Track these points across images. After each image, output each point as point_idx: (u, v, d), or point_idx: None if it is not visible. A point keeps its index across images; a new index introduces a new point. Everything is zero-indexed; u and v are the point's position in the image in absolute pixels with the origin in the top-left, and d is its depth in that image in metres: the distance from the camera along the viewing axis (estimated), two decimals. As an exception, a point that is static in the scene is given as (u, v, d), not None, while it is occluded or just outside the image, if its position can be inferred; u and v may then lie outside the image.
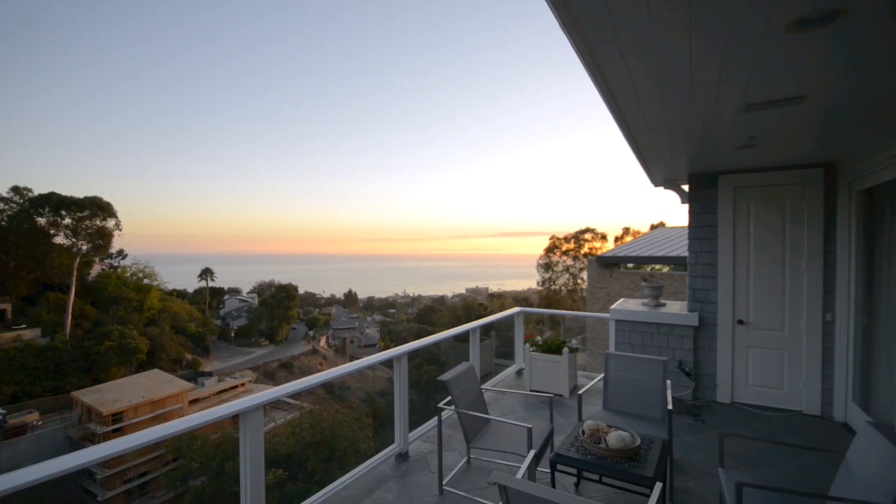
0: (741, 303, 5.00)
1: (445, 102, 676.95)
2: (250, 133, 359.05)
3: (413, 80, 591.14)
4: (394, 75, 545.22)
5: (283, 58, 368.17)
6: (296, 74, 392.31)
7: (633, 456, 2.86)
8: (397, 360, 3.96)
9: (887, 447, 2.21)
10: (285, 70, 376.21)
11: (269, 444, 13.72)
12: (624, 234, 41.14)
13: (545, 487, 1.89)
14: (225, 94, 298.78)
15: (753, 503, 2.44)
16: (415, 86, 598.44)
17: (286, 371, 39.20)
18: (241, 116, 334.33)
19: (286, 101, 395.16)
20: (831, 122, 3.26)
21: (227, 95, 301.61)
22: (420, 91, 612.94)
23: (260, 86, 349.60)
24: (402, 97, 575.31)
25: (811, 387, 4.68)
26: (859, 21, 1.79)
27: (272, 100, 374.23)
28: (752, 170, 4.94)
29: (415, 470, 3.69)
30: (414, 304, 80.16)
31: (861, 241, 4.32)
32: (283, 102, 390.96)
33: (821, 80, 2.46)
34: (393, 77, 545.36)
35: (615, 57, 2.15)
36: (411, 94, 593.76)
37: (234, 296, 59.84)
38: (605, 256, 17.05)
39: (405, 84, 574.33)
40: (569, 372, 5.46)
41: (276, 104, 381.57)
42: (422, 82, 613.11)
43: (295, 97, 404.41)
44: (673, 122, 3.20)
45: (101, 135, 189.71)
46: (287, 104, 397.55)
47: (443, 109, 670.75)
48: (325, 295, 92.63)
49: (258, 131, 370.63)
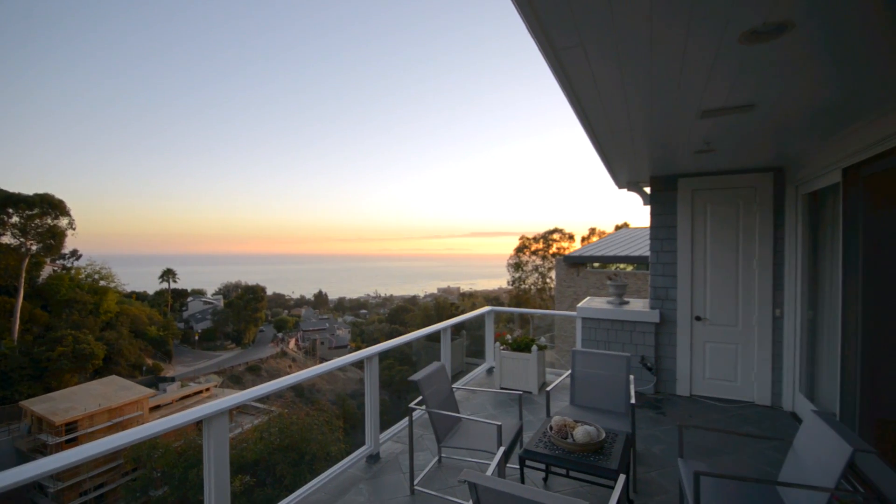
0: (699, 300, 5.24)
1: (416, 104, 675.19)
2: (216, 129, 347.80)
3: (385, 82, 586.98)
4: (365, 76, 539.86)
5: (255, 56, 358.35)
6: (267, 73, 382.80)
7: (598, 449, 2.95)
8: (368, 361, 3.93)
9: (830, 434, 2.35)
10: (255, 68, 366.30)
11: (236, 449, 13.31)
12: (590, 234, 42.18)
13: (514, 483, 1.93)
14: (191, 88, 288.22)
15: (710, 491, 2.56)
16: (386, 87, 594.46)
17: (254, 374, 38.12)
18: (208, 113, 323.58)
19: (256, 99, 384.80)
20: (779, 130, 3.46)
21: (193, 90, 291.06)
22: (391, 92, 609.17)
23: (229, 83, 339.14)
24: (373, 98, 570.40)
25: (762, 379, 4.96)
26: (805, 35, 1.92)
27: (241, 98, 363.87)
28: (708, 173, 5.18)
29: (386, 471, 3.68)
30: (386, 305, 79.52)
31: (806, 241, 4.61)
32: (252, 101, 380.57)
33: (770, 89, 2.60)
34: (364, 78, 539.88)
35: (581, 61, 2.21)
36: (382, 96, 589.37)
37: (197, 298, 57.60)
38: (573, 256, 17.46)
39: (377, 85, 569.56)
40: (538, 369, 5.57)
41: (245, 102, 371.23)
42: (393, 83, 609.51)
43: (265, 96, 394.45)
44: (635, 126, 3.32)
45: (53, 129, 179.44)
46: (257, 103, 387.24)
47: (414, 110, 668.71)
48: (294, 296, 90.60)
49: (225, 128, 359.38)
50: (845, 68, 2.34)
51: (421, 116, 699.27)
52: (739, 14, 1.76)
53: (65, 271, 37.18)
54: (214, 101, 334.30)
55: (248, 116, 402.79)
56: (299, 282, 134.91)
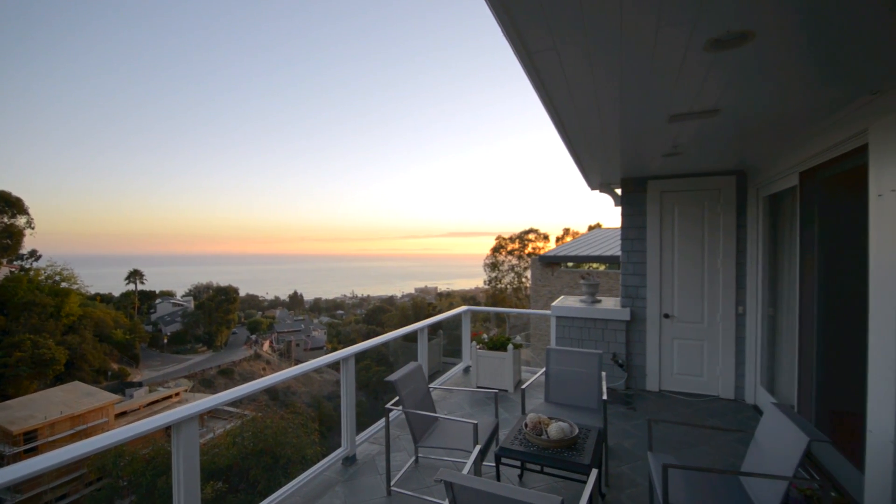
0: (667, 298, 5.41)
1: (393, 105, 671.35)
2: (187, 127, 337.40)
3: (362, 83, 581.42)
4: (342, 78, 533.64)
5: (232, 55, 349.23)
6: (243, 72, 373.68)
7: (571, 445, 3.01)
8: (344, 362, 3.90)
9: (788, 425, 2.46)
10: (233, 67, 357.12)
11: (207, 455, 12.94)
12: (564, 234, 42.87)
13: (490, 481, 1.95)
14: (163, 84, 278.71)
15: (678, 482, 2.65)
16: (364, 88, 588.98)
17: (226, 378, 37.17)
18: (178, 109, 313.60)
19: (231, 97, 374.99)
20: (741, 134, 3.61)
21: (165, 86, 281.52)
22: (368, 93, 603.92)
23: (204, 80, 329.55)
24: (349, 99, 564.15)
25: (726, 373, 5.17)
26: (765, 44, 2.01)
27: (215, 95, 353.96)
28: (676, 175, 5.36)
29: (362, 473, 3.66)
30: (363, 305, 78.78)
31: (766, 242, 4.82)
32: (227, 99, 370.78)
33: (733, 96, 2.72)
34: (341, 79, 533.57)
35: (554, 65, 2.26)
36: (360, 96, 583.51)
37: (166, 299, 55.67)
38: (547, 256, 17.72)
39: (354, 86, 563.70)
40: (513, 367, 5.64)
41: (220, 100, 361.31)
42: (370, 84, 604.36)
43: (240, 94, 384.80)
44: (607, 129, 3.41)
45: (8, 123, 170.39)
46: (232, 101, 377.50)
47: (390, 112, 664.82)
48: (268, 297, 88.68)
49: (197, 125, 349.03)
50: (802, 78, 2.47)
51: (397, 118, 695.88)
52: (705, 22, 1.84)
53: (23, 272, 35.29)
54: (187, 98, 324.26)
55: (222, 114, 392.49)
56: (273, 282, 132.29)
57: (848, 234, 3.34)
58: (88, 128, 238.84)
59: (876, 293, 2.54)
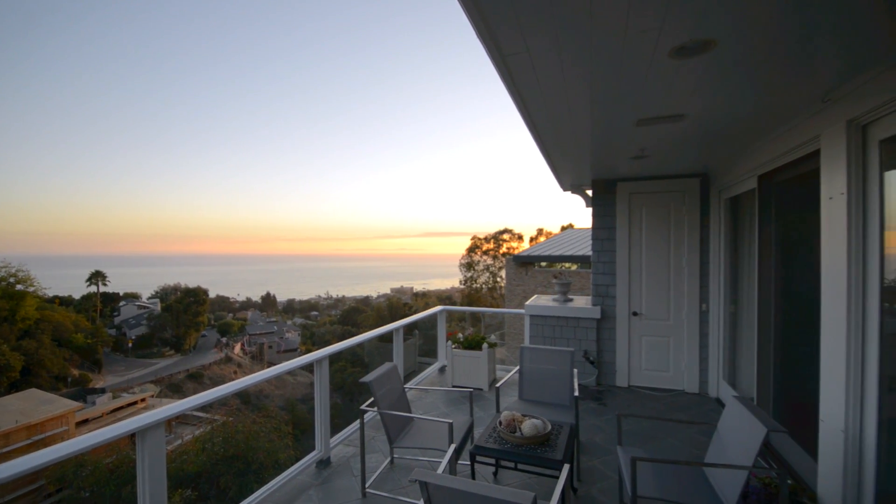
0: (636, 296, 5.58)
1: (369, 105, 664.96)
2: (152, 124, 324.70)
3: (338, 83, 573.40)
4: (317, 78, 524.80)
5: (206, 57, 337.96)
6: (215, 73, 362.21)
7: (544, 441, 3.06)
8: (318, 364, 3.86)
9: (748, 417, 2.58)
10: (204, 69, 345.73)
11: (175, 462, 12.52)
12: (538, 234, 43.44)
13: (464, 480, 1.97)
14: (129, 81, 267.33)
15: (646, 474, 2.73)
16: (339, 88, 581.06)
17: (195, 382, 36.03)
18: (145, 106, 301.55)
19: (201, 97, 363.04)
20: (705, 139, 3.76)
21: (131, 82, 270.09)
22: (344, 94, 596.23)
23: (171, 80, 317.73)
24: (324, 100, 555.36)
25: (691, 368, 5.37)
26: (727, 52, 2.10)
27: (185, 95, 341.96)
28: (644, 178, 5.53)
29: (337, 475, 3.63)
30: (338, 306, 77.75)
31: (728, 242, 5.03)
32: (197, 99, 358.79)
33: (697, 101, 2.83)
34: (315, 80, 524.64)
35: (527, 68, 2.29)
36: (335, 97, 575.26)
37: (131, 302, 53.45)
38: (521, 256, 17.96)
39: (329, 86, 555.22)
40: (488, 366, 5.69)
41: (188, 99, 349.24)
42: (346, 85, 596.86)
43: (212, 95, 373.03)
44: (578, 132, 3.48)
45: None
46: (201, 101, 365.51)
47: (366, 112, 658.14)
48: (239, 298, 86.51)
49: (165, 122, 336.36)
50: (760, 85, 2.59)
51: (373, 118, 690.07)
52: (669, 30, 1.91)
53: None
54: (155, 96, 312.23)
55: (191, 113, 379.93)
56: (245, 283, 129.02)
57: (803, 235, 3.52)
58: (44, 122, 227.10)
59: (827, 291, 2.69)
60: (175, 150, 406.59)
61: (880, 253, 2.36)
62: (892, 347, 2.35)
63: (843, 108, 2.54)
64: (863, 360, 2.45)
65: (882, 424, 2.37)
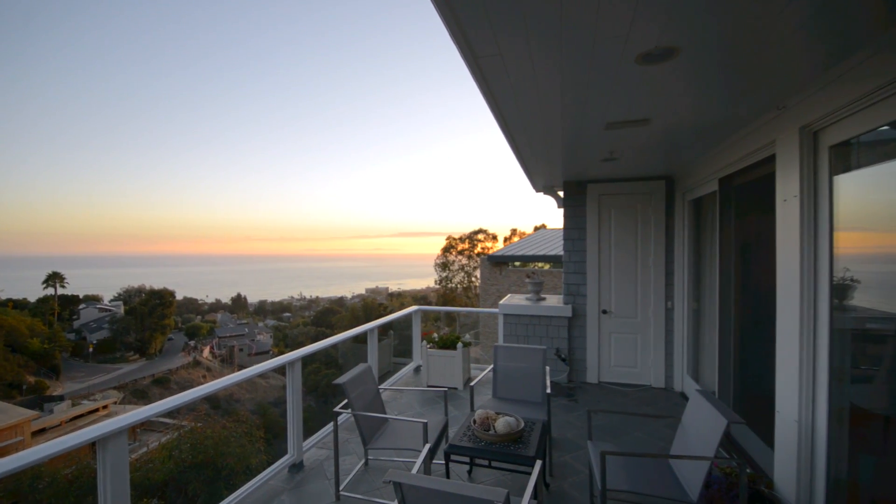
0: (605, 294, 5.73)
1: (345, 105, 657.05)
2: (114, 119, 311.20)
3: (313, 83, 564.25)
4: (293, 78, 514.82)
5: (180, 57, 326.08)
6: (189, 73, 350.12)
7: (518, 438, 3.11)
8: (290, 366, 3.80)
9: (710, 409, 2.68)
10: (178, 68, 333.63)
11: (140, 471, 12.04)
12: (512, 234, 43.87)
13: (439, 479, 1.98)
14: (95, 76, 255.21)
15: (615, 467, 2.81)
16: (314, 88, 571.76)
17: (161, 387, 34.73)
18: (110, 102, 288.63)
19: (171, 95, 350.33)
20: (669, 142, 3.89)
21: (97, 78, 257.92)
22: (319, 93, 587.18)
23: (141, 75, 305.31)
24: (300, 99, 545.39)
25: (657, 364, 5.55)
26: (690, 60, 2.19)
27: (157, 91, 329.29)
28: (612, 180, 5.68)
29: (310, 479, 3.58)
30: (311, 307, 76.45)
31: (691, 242, 5.23)
32: (167, 96, 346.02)
33: (662, 106, 2.93)
34: (291, 79, 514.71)
35: (500, 71, 2.33)
36: (310, 97, 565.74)
37: (92, 304, 51.07)
38: (496, 256, 18.15)
39: (304, 87, 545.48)
40: (463, 365, 5.73)
41: (158, 96, 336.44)
42: (322, 85, 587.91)
43: (184, 94, 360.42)
44: (550, 133, 3.55)
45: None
46: (172, 99, 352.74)
47: (341, 112, 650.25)
48: (208, 300, 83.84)
49: (126, 119, 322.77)
50: (720, 92, 2.71)
51: (348, 118, 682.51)
52: (635, 37, 1.97)
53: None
54: (120, 90, 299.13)
55: (160, 109, 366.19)
56: (214, 285, 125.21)
57: (760, 236, 3.69)
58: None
59: (781, 289, 2.83)
60: (139, 148, 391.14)
61: (830, 253, 2.51)
62: (840, 342, 2.50)
63: (796, 115, 2.68)
64: (814, 354, 2.60)
65: (832, 414, 2.51)
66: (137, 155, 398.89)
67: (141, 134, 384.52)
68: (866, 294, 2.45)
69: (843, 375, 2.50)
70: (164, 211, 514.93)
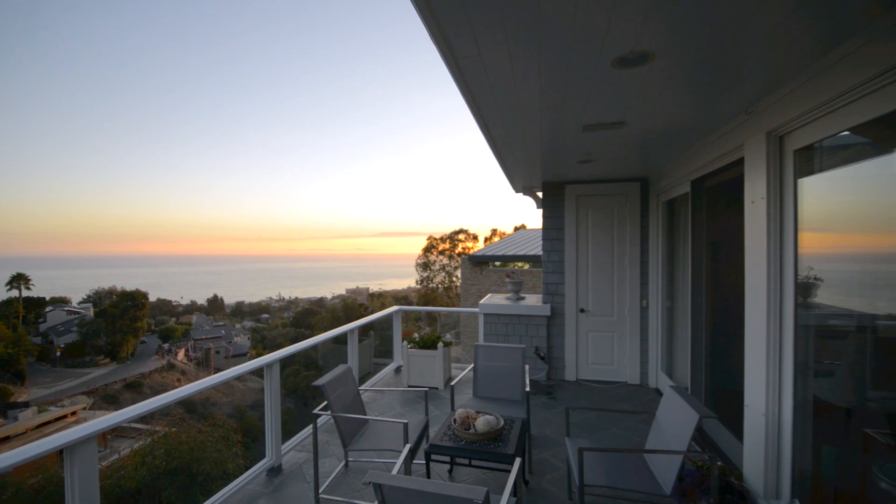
0: (583, 294, 5.84)
1: (325, 105, 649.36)
2: (85, 115, 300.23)
3: (293, 84, 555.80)
4: (272, 77, 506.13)
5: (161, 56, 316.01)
6: (168, 74, 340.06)
7: (497, 437, 3.13)
8: (268, 368, 3.74)
9: (682, 405, 2.76)
10: (153, 68, 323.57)
11: (111, 479, 11.66)
12: (492, 234, 44.16)
13: (419, 479, 1.98)
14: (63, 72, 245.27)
15: (592, 463, 2.86)
16: (295, 89, 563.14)
17: (133, 392, 33.66)
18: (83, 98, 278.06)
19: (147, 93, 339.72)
20: (644, 145, 3.99)
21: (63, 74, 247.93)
22: (300, 94, 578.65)
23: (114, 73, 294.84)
24: (279, 101, 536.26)
25: (633, 361, 5.68)
26: (664, 65, 2.25)
27: (131, 88, 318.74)
28: (590, 181, 5.79)
29: (289, 482, 3.54)
30: (290, 308, 75.28)
31: (665, 242, 5.36)
32: (143, 94, 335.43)
33: (637, 109, 3.00)
34: (269, 81, 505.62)
35: (479, 72, 2.35)
36: (290, 97, 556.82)
37: (59, 307, 49.09)
38: (476, 255, 18.25)
39: (284, 88, 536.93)
40: (443, 365, 5.74)
41: (133, 93, 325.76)
42: (302, 86, 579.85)
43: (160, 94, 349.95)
44: (528, 134, 3.59)
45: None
46: (148, 96, 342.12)
47: (322, 112, 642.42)
48: (183, 302, 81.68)
49: (98, 115, 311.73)
50: (692, 97, 2.79)
51: (328, 119, 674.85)
52: (611, 42, 2.02)
53: None
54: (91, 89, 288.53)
55: (134, 106, 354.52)
56: (189, 286, 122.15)
57: (730, 236, 3.81)
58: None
59: (750, 287, 2.94)
60: (110, 146, 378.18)
61: (794, 253, 2.61)
62: (805, 338, 2.61)
63: (763, 119, 2.78)
64: (780, 350, 2.70)
65: (797, 407, 2.62)
66: (108, 153, 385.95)
67: (111, 131, 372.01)
68: (828, 292, 2.56)
69: (807, 370, 2.61)
70: (136, 210, 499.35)
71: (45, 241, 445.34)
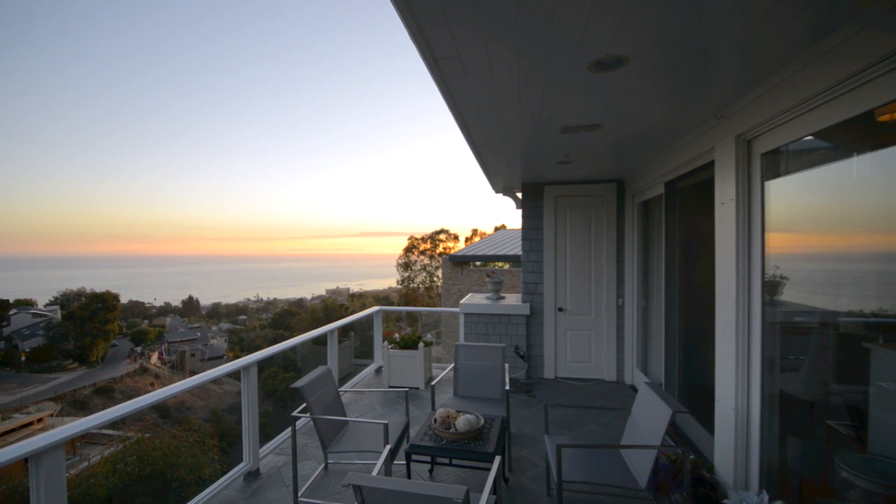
0: (561, 293, 5.93)
1: (306, 105, 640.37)
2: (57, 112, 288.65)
3: (273, 84, 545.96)
4: (255, 78, 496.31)
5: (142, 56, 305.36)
6: (153, 74, 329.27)
7: (478, 436, 3.15)
8: (245, 371, 3.68)
9: (656, 400, 2.84)
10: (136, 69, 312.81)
11: (81, 487, 11.28)
12: (473, 234, 44.31)
13: (399, 480, 1.99)
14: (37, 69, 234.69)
15: (570, 459, 2.91)
16: (275, 89, 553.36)
17: (104, 397, 32.55)
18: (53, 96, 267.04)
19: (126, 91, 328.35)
20: (620, 147, 4.07)
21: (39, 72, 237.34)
22: (281, 94, 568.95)
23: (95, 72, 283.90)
24: (259, 101, 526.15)
25: (609, 359, 5.80)
26: (639, 69, 2.30)
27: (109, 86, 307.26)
28: (568, 182, 5.88)
29: (267, 486, 3.49)
30: (269, 309, 73.94)
31: (640, 242, 5.49)
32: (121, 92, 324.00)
33: (612, 112, 3.06)
34: (249, 81, 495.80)
35: (459, 73, 2.36)
36: (271, 97, 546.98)
37: (24, 310, 47.05)
38: (457, 255, 18.31)
39: (264, 88, 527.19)
40: (424, 365, 5.74)
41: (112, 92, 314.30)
42: (282, 86, 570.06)
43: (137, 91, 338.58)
44: (508, 136, 3.62)
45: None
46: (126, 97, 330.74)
47: (302, 112, 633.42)
48: (156, 303, 79.38)
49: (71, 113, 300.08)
50: (665, 101, 2.87)
51: (308, 119, 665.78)
52: (588, 46, 2.06)
53: None
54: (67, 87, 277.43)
55: (111, 105, 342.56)
56: (163, 287, 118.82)
57: (702, 237, 3.93)
58: None
59: (720, 286, 3.03)
60: (80, 144, 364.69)
61: (761, 252, 2.71)
62: (771, 334, 2.71)
63: (732, 124, 2.88)
64: (748, 346, 2.80)
65: (764, 401, 2.72)
66: (78, 151, 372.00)
67: (82, 131, 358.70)
68: (794, 290, 2.66)
69: (774, 365, 2.71)
70: (108, 209, 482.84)
71: (9, 240, 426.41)
